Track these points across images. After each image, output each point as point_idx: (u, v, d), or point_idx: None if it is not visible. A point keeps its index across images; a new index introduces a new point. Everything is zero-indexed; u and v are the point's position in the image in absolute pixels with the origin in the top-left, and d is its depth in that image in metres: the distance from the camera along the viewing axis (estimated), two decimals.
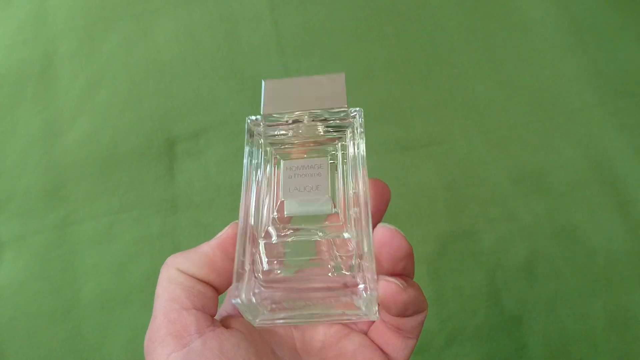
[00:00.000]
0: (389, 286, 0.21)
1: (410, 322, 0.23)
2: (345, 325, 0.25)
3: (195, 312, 0.22)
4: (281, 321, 0.23)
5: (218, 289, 0.23)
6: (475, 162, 0.49)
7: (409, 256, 0.22)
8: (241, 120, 0.57)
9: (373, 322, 0.25)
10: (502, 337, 0.43)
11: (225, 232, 0.24)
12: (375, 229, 0.22)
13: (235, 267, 0.22)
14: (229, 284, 0.23)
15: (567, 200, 0.47)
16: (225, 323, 0.23)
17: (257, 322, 0.23)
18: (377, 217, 0.25)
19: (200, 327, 0.21)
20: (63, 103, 0.53)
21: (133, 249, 0.47)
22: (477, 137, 0.50)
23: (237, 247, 0.23)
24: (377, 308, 0.22)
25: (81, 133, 0.51)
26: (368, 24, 0.55)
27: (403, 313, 0.22)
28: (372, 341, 0.24)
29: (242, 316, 0.23)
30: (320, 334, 0.25)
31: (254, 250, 0.23)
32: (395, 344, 0.24)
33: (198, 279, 0.23)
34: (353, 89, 0.55)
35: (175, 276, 0.23)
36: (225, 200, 0.48)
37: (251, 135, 0.27)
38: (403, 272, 0.22)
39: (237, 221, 0.24)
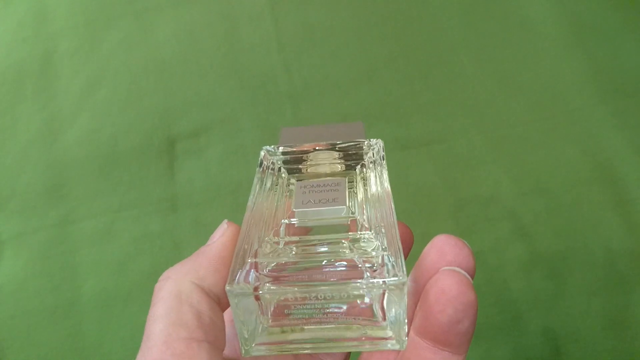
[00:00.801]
0: (455, 275, 0.17)
1: (462, 329, 0.19)
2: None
3: (208, 347, 0.17)
4: (283, 351, 0.20)
5: (224, 306, 0.20)
6: (475, 161, 0.49)
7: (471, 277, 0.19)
8: (241, 119, 0.57)
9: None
10: (501, 336, 0.43)
11: (225, 233, 0.21)
12: (434, 238, 0.19)
13: (234, 261, 0.19)
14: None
15: (567, 200, 0.47)
16: None
17: (254, 346, 0.19)
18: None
19: None
20: (63, 101, 0.53)
21: (133, 248, 0.47)
22: (477, 136, 0.50)
23: (236, 249, 0.20)
24: (405, 333, 0.19)
25: (81, 131, 0.51)
26: (368, 23, 0.55)
27: (458, 322, 0.18)
28: None
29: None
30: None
31: (257, 256, 0.20)
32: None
33: (211, 298, 0.19)
34: (353, 88, 0.55)
35: (188, 293, 0.18)
36: (226, 199, 0.48)
37: (261, 166, 0.24)
38: None
39: (229, 222, 0.21)
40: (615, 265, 0.45)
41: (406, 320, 0.19)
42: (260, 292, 0.18)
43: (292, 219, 0.22)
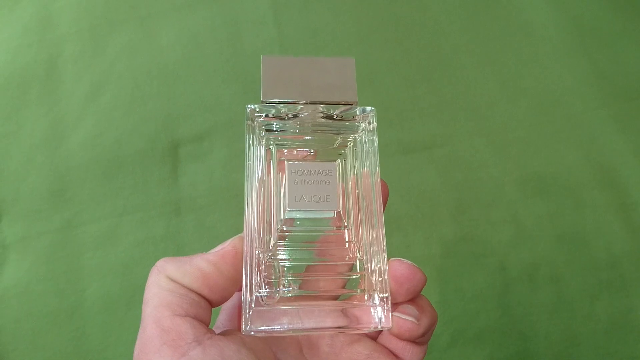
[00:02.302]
0: (405, 324, 0.21)
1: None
2: None
3: (191, 320, 0.20)
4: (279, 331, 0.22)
5: (211, 303, 0.22)
6: (477, 164, 0.49)
7: (424, 284, 0.22)
8: (244, 123, 0.57)
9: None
10: (504, 340, 0.43)
11: (225, 248, 0.22)
12: (391, 264, 0.22)
13: (243, 294, 0.21)
14: (223, 299, 0.22)
15: (569, 203, 0.47)
16: (223, 332, 0.22)
17: (252, 329, 0.22)
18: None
19: (197, 334, 0.20)
20: (67, 105, 0.53)
21: (137, 251, 0.47)
22: (479, 139, 0.50)
23: (244, 268, 0.21)
24: (390, 314, 0.22)
25: (85, 135, 0.52)
26: (370, 27, 0.56)
27: (418, 340, 0.22)
28: (385, 346, 0.24)
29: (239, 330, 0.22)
30: (327, 337, 0.24)
31: (259, 273, 0.22)
32: (409, 350, 0.23)
33: (190, 289, 0.22)
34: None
35: (165, 283, 0.21)
36: (229, 202, 0.49)
37: (252, 120, 0.24)
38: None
39: (240, 235, 0.23)
40: (618, 268, 0.45)
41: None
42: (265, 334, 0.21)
43: (287, 226, 0.23)
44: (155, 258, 0.46)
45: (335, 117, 0.24)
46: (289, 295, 0.22)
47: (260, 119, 0.24)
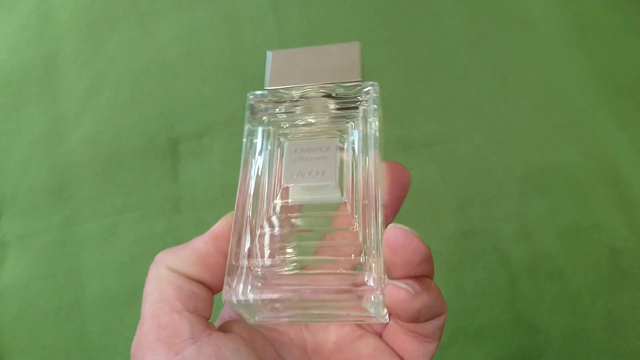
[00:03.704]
0: (398, 293, 0.19)
1: (427, 326, 0.21)
2: (359, 326, 0.23)
3: (188, 315, 0.20)
4: (284, 320, 0.21)
5: (212, 289, 0.22)
6: (478, 161, 0.49)
7: (427, 260, 0.20)
8: (244, 120, 0.57)
9: (386, 324, 0.23)
10: (504, 336, 0.43)
11: (219, 225, 0.22)
12: (387, 230, 0.19)
13: (229, 259, 0.20)
14: (221, 285, 0.21)
15: (570, 200, 0.47)
16: (224, 327, 0.21)
17: (256, 319, 0.21)
18: (395, 206, 0.23)
19: (194, 332, 0.19)
20: (67, 103, 0.53)
21: (137, 249, 0.47)
22: (480, 136, 0.50)
23: (231, 237, 0.21)
24: (386, 311, 0.20)
25: (85, 133, 0.52)
26: (371, 23, 0.55)
27: (415, 320, 0.20)
28: (388, 345, 0.22)
29: (243, 319, 0.22)
30: (333, 335, 0.23)
31: (251, 242, 0.21)
32: (412, 349, 0.21)
33: (190, 278, 0.21)
34: None
35: (165, 274, 0.21)
36: (229, 199, 0.48)
37: (253, 112, 0.24)
38: (421, 275, 0.20)
39: (232, 212, 0.22)
40: (619, 264, 0.44)
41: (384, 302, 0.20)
42: (253, 303, 0.20)
43: (283, 199, 0.22)
44: (155, 255, 0.46)
45: (334, 94, 0.23)
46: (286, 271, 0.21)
47: (263, 105, 0.24)
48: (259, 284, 0.20)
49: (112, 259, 0.47)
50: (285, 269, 0.21)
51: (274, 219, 0.22)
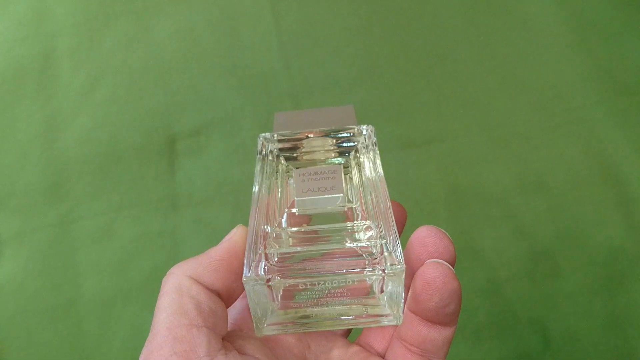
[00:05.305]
0: (438, 267, 0.19)
1: (437, 336, 0.21)
2: (364, 349, 0.23)
3: (207, 332, 0.19)
4: (291, 329, 0.22)
5: (226, 300, 0.21)
6: (476, 159, 0.49)
7: (454, 258, 0.21)
8: (242, 117, 0.57)
9: (390, 346, 0.23)
10: (502, 336, 0.43)
11: (235, 234, 0.22)
12: (418, 229, 0.21)
13: (247, 254, 0.21)
14: (238, 294, 0.22)
15: (568, 199, 0.47)
16: (239, 347, 0.21)
17: (266, 326, 0.21)
18: None
19: (211, 349, 0.19)
20: (63, 100, 0.53)
21: (133, 247, 0.47)
22: (478, 134, 0.50)
23: (247, 248, 0.21)
24: (402, 306, 0.21)
25: (81, 130, 0.51)
26: (369, 20, 0.55)
27: (444, 306, 0.20)
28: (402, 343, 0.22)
29: (254, 338, 0.21)
30: (337, 357, 0.23)
31: (265, 250, 0.21)
32: (434, 336, 0.21)
33: (210, 291, 0.21)
34: (353, 87, 0.55)
35: (187, 286, 0.20)
36: (226, 197, 0.48)
37: (261, 153, 0.26)
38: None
39: (241, 224, 0.22)
40: (617, 264, 0.44)
41: (402, 300, 0.21)
42: (271, 282, 0.20)
43: (293, 209, 0.23)
44: (151, 253, 0.46)
45: (332, 134, 0.26)
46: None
47: (271, 145, 0.26)
48: (276, 269, 0.21)
49: (108, 257, 0.47)
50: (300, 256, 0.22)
51: (286, 229, 0.23)
